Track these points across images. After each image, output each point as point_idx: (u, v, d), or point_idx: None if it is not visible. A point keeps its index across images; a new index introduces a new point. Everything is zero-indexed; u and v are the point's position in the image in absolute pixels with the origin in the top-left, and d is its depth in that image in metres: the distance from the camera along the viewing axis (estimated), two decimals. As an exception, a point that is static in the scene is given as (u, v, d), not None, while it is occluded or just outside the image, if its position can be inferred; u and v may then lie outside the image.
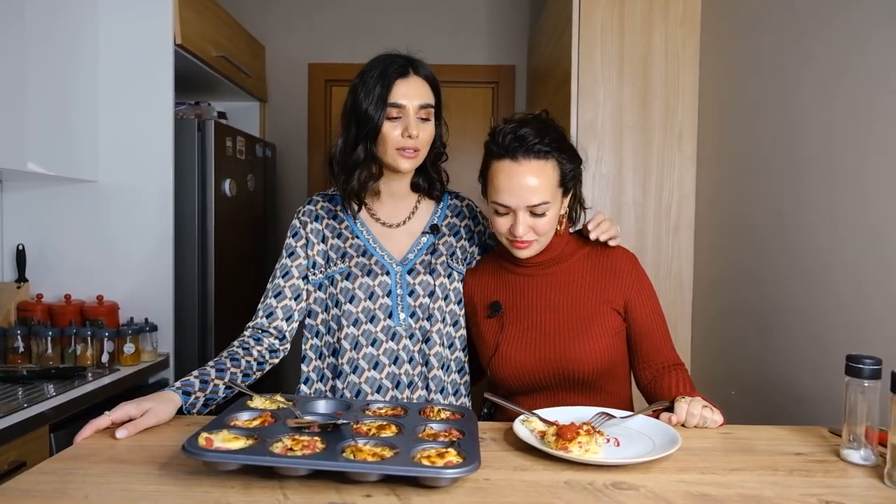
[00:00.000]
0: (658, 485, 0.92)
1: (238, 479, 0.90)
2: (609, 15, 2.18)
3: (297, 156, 3.62)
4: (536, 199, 1.25)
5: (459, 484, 0.90)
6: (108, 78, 2.32)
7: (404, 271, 1.39)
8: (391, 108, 1.31)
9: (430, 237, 1.44)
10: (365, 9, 3.58)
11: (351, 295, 1.37)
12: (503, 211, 1.29)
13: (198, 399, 1.21)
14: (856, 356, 1.02)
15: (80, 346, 2.08)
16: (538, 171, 1.26)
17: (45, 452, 1.63)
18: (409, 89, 1.33)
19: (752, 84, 1.86)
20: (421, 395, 1.39)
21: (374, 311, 1.37)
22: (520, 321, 1.36)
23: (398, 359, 1.37)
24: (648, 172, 2.21)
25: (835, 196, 1.45)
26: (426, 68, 1.38)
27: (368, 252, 1.41)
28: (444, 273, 1.42)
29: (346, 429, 0.99)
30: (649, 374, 1.35)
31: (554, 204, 1.29)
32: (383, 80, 1.31)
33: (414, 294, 1.39)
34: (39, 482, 0.89)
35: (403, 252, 1.42)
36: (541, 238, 1.31)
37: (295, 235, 1.43)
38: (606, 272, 1.37)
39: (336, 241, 1.42)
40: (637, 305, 1.35)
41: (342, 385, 1.37)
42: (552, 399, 1.34)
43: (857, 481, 0.96)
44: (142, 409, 1.11)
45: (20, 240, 2.31)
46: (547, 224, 1.29)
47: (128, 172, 2.33)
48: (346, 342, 1.37)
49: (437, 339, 1.40)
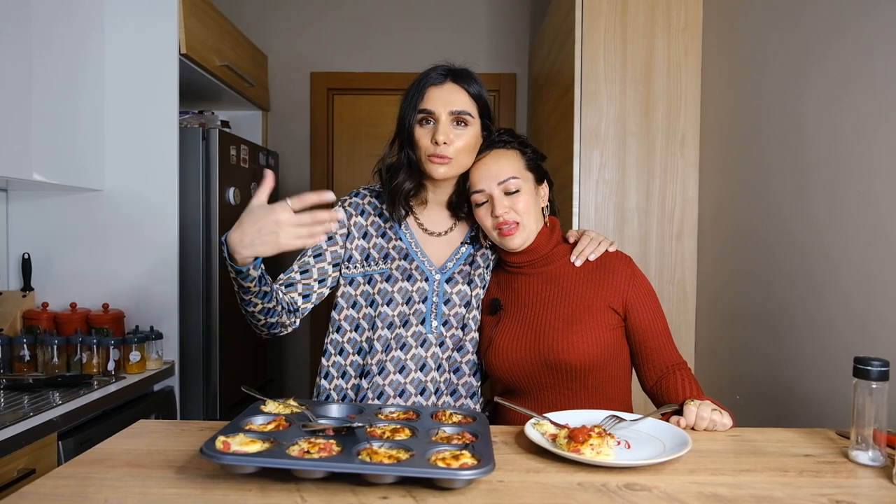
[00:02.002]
0: (670, 486, 0.93)
1: (255, 481, 0.91)
2: (611, 23, 2.20)
3: (299, 164, 3.63)
4: (504, 174, 1.35)
5: (474, 486, 0.91)
6: (114, 87, 2.34)
7: (443, 280, 1.40)
8: (420, 114, 1.33)
9: (469, 247, 1.46)
10: (366, 18, 3.60)
11: (389, 297, 1.38)
12: (481, 199, 1.37)
13: (257, 267, 1.14)
14: (863, 358, 1.03)
15: (85, 354, 2.08)
16: (501, 155, 1.38)
17: (54, 460, 1.64)
18: (442, 95, 1.34)
19: (753, 90, 1.88)
20: (446, 401, 1.39)
21: (409, 316, 1.38)
22: (514, 316, 1.39)
23: (425, 365, 1.37)
24: (651, 178, 2.23)
25: (838, 199, 1.47)
26: (470, 80, 1.37)
27: (410, 256, 1.41)
28: (481, 284, 1.44)
29: (361, 432, 1.00)
30: (654, 375, 1.36)
31: (525, 184, 1.37)
32: (419, 86, 1.35)
33: (450, 303, 1.40)
34: (59, 486, 0.90)
35: (443, 260, 1.43)
36: (523, 220, 1.35)
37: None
38: (602, 272, 1.39)
39: (380, 240, 1.42)
40: (637, 306, 1.37)
41: (367, 385, 1.36)
42: (548, 402, 1.34)
43: (867, 482, 0.96)
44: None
45: (26, 248, 2.32)
46: (524, 204, 1.35)
47: (133, 181, 2.34)
48: (378, 343, 1.37)
49: (471, 348, 1.42)
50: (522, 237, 1.36)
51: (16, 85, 1.92)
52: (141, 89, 2.34)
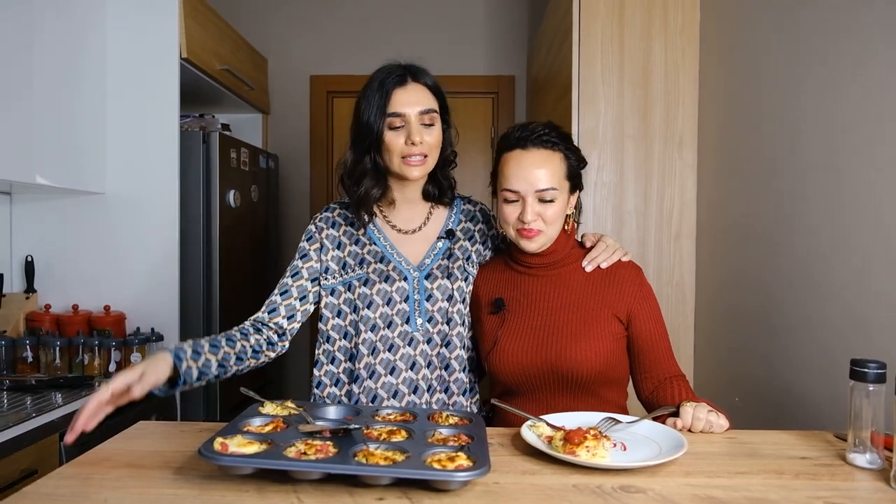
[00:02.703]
0: (666, 488, 0.93)
1: (252, 482, 0.92)
2: (609, 25, 2.21)
3: (299, 166, 3.65)
4: (544, 183, 1.29)
5: (470, 487, 0.92)
6: (115, 92, 2.35)
7: (421, 276, 1.41)
8: (392, 118, 1.33)
9: (446, 242, 1.46)
10: (365, 21, 3.62)
11: (369, 300, 1.39)
12: (512, 198, 1.32)
13: (190, 369, 1.20)
14: (860, 360, 1.03)
15: (87, 355, 2.10)
16: (546, 159, 1.31)
17: (56, 460, 1.65)
18: (408, 97, 1.34)
19: (751, 92, 1.88)
20: (440, 398, 1.40)
21: (392, 317, 1.39)
22: (521, 318, 1.38)
23: (415, 364, 1.38)
24: (649, 180, 2.24)
25: (836, 201, 1.47)
26: (426, 75, 1.39)
27: (386, 258, 1.42)
28: (462, 277, 1.43)
29: (358, 433, 1.01)
30: (651, 384, 1.36)
31: (561, 194, 1.32)
32: (382, 90, 1.34)
33: (432, 299, 1.40)
34: (60, 486, 0.91)
35: (420, 257, 1.44)
36: (548, 229, 1.33)
37: (310, 239, 1.45)
38: (610, 279, 1.38)
39: (353, 247, 1.44)
40: (641, 317, 1.36)
41: (358, 390, 1.38)
42: (547, 403, 1.34)
43: (864, 484, 0.96)
44: (138, 373, 1.10)
45: (29, 251, 2.33)
46: (554, 214, 1.32)
47: (134, 184, 2.35)
48: (363, 347, 1.38)
49: (458, 342, 1.42)
50: (541, 241, 1.34)
51: (19, 90, 1.93)
52: (142, 93, 2.35)
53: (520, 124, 1.36)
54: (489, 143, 3.62)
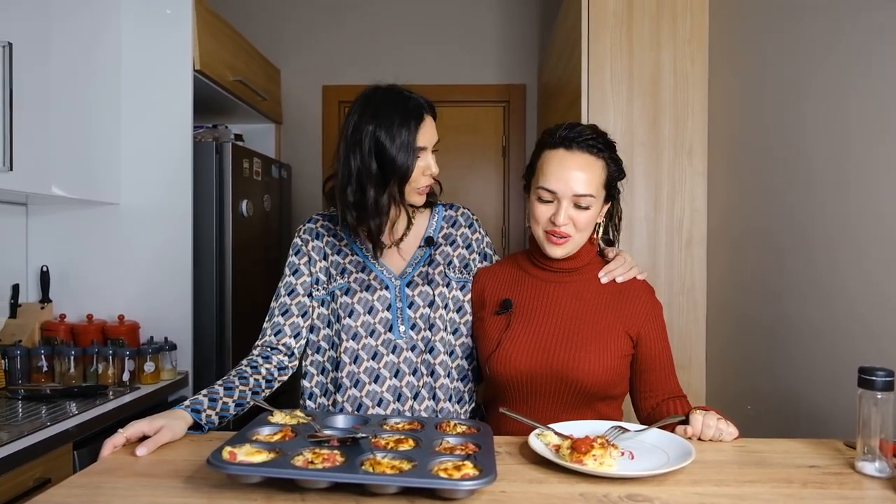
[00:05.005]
0: (673, 497, 0.93)
1: (260, 491, 0.93)
2: (617, 33, 2.21)
3: (311, 176, 3.67)
4: (582, 188, 1.29)
5: (476, 496, 0.92)
6: (130, 104, 2.39)
7: (403, 284, 1.43)
8: (419, 151, 1.36)
9: (427, 249, 1.48)
10: (376, 31, 3.65)
11: (350, 309, 1.41)
12: (548, 197, 1.31)
13: (210, 417, 1.24)
14: (868, 368, 1.02)
15: (101, 364, 2.12)
16: (588, 164, 1.31)
17: (69, 469, 1.67)
18: (429, 130, 1.39)
19: (760, 98, 1.88)
20: (428, 405, 1.40)
21: (374, 325, 1.40)
22: (527, 322, 1.36)
23: (399, 371, 1.39)
24: (660, 188, 2.23)
25: (846, 209, 1.46)
26: (432, 105, 1.44)
27: (367, 268, 1.44)
28: (443, 282, 1.44)
29: (365, 443, 1.01)
30: (651, 403, 1.36)
31: (597, 202, 1.32)
32: (406, 123, 1.34)
33: (414, 305, 1.42)
34: (70, 495, 0.92)
35: (402, 266, 1.46)
36: (576, 236, 1.32)
37: (297, 253, 1.47)
38: (624, 295, 1.38)
39: (336, 257, 1.47)
40: (651, 337, 1.36)
41: (342, 398, 1.40)
42: (541, 413, 1.32)
43: (873, 493, 0.96)
44: (155, 427, 1.14)
45: (44, 261, 2.37)
46: (586, 220, 1.31)
47: (148, 195, 2.38)
48: (345, 356, 1.40)
49: (442, 348, 1.42)
50: (567, 249, 1.34)
51: (35, 103, 1.97)
52: (156, 105, 2.38)
53: (567, 123, 1.35)
54: (500, 151, 3.62)
